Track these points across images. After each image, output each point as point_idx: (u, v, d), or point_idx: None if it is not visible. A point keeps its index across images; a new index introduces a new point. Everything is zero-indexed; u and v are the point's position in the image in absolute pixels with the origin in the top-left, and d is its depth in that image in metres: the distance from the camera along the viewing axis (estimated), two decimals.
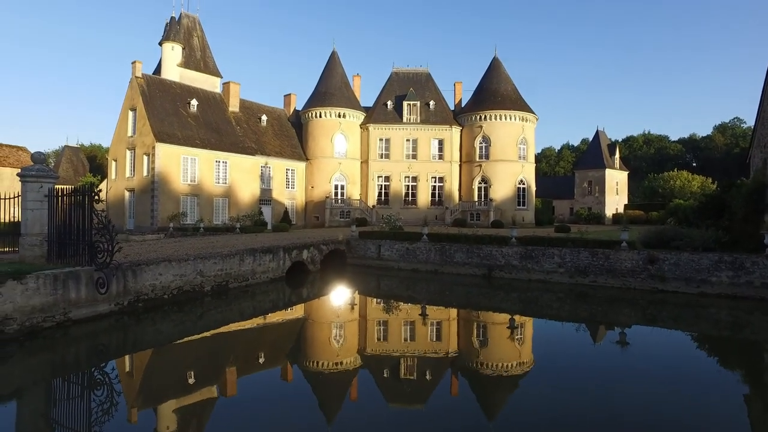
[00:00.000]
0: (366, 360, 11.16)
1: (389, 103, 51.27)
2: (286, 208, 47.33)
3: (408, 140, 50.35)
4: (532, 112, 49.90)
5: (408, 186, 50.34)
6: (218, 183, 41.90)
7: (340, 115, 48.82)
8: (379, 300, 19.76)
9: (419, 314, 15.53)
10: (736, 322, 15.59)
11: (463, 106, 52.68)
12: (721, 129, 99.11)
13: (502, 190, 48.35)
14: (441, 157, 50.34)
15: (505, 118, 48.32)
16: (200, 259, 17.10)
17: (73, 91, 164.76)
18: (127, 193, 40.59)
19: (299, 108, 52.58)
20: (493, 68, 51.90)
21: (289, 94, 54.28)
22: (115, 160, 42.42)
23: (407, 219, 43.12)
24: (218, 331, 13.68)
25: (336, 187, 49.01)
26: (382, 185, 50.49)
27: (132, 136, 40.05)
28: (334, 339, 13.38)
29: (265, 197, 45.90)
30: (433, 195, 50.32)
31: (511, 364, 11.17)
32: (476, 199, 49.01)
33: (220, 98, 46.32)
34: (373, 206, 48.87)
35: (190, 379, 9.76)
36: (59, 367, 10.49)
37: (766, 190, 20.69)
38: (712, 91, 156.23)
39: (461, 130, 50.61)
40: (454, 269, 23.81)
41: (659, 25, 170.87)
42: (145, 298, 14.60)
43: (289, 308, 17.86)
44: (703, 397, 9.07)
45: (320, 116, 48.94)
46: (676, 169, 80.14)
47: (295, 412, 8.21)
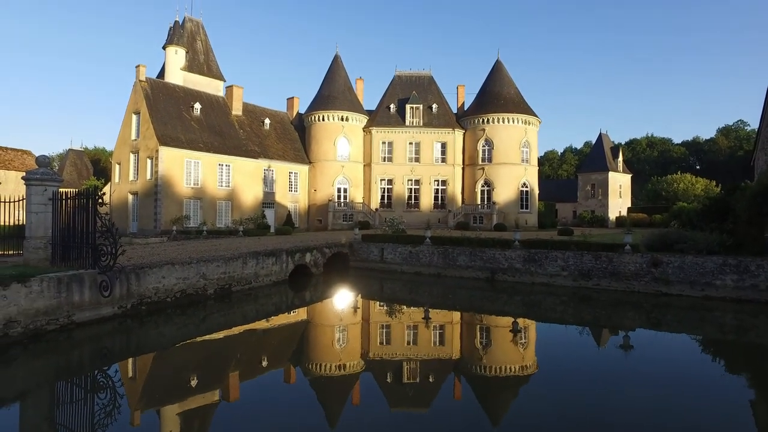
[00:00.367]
0: (369, 363, 11.14)
1: (392, 106, 51.36)
2: (289, 212, 47.39)
3: (411, 143, 50.40)
4: (535, 115, 49.90)
5: (411, 189, 50.37)
6: (221, 186, 42.02)
7: (343, 119, 48.91)
8: (382, 303, 19.74)
9: (422, 318, 15.50)
10: (741, 326, 15.50)
11: (465, 109, 52.73)
12: (725, 132, 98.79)
13: (505, 193, 48.32)
14: (444, 160, 50.37)
15: (508, 121, 48.34)
16: (203, 262, 17.12)
17: (77, 95, 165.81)
18: (131, 197, 40.72)
19: (302, 111, 52.73)
20: (496, 71, 51.95)
21: (292, 98, 54.47)
22: (119, 164, 42.59)
23: (410, 222, 43.12)
24: (221, 334, 13.69)
25: (339, 191, 49.06)
26: (385, 188, 50.53)
27: (136, 140, 40.23)
28: (337, 342, 13.37)
29: (268, 200, 45.99)
30: (436, 198, 50.32)
31: (515, 368, 11.12)
32: (479, 202, 48.99)
33: (224, 102, 46.50)
34: (376, 209, 48.89)
35: (193, 383, 9.76)
36: (63, 370, 10.51)
37: None
38: (715, 94, 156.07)
39: (464, 133, 50.63)
40: (457, 272, 23.77)
41: (662, 28, 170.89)
42: (148, 301, 14.62)
43: (292, 311, 17.85)
44: (708, 401, 9.01)
45: (323, 119, 49.04)
46: (679, 172, 79.86)
47: (298, 415, 8.20)
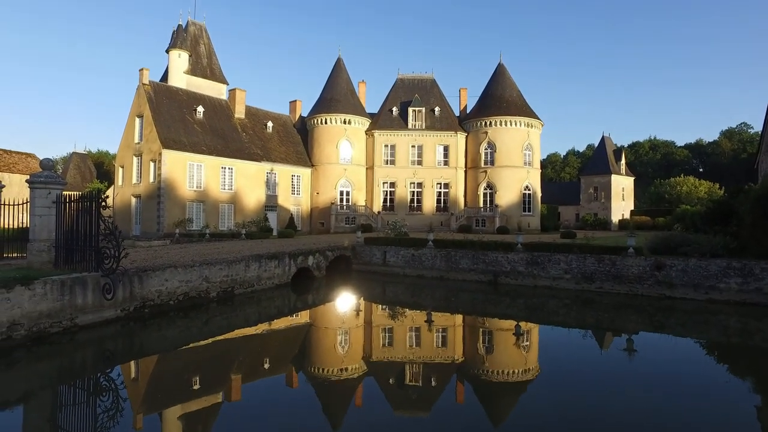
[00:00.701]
0: (371, 366, 11.13)
1: (394, 109, 51.43)
2: (292, 214, 47.43)
3: (413, 146, 50.42)
4: (538, 118, 49.87)
5: (413, 192, 50.37)
6: (224, 189, 42.10)
7: (345, 122, 48.99)
8: (385, 306, 19.72)
9: (425, 321, 15.48)
10: (745, 329, 15.42)
11: (468, 112, 52.74)
12: (728, 134, 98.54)
13: (507, 196, 48.26)
14: (446, 163, 50.36)
15: (511, 124, 48.33)
16: (206, 265, 17.15)
17: (81, 98, 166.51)
18: (134, 199, 40.84)
19: (305, 114, 52.85)
20: (498, 74, 51.97)
21: (295, 101, 54.59)
22: (122, 167, 42.73)
23: (412, 225, 43.07)
24: (223, 337, 13.69)
25: (341, 194, 49.09)
26: (387, 191, 50.54)
27: (139, 143, 40.37)
28: (340, 345, 13.36)
29: (271, 203, 46.04)
30: (439, 201, 50.30)
31: (517, 371, 11.09)
32: (481, 205, 48.93)
33: (226, 105, 46.65)
34: (379, 212, 48.88)
35: (196, 385, 9.76)
36: (66, 372, 10.53)
37: None
38: (718, 96, 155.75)
39: (466, 136, 50.64)
40: (459, 275, 23.74)
41: (665, 30, 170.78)
42: (151, 303, 14.65)
43: (295, 314, 17.84)
44: (713, 406, 8.95)
45: (326, 123, 49.13)
46: (682, 175, 79.67)
47: (300, 418, 8.19)
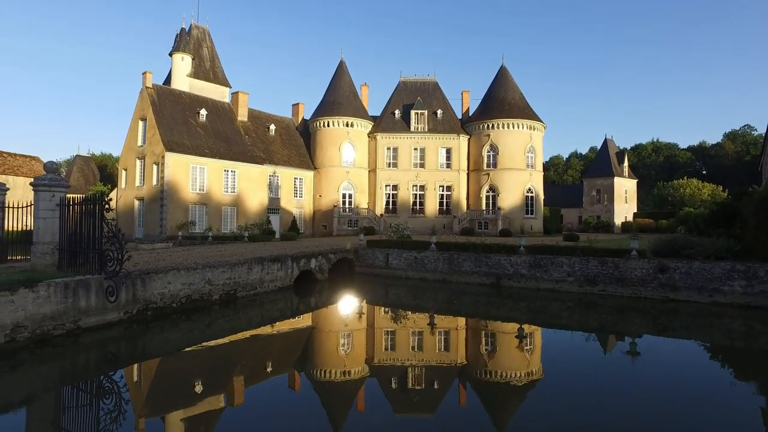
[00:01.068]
0: (374, 369, 11.11)
1: (397, 112, 51.48)
2: (294, 217, 47.49)
3: (416, 149, 50.45)
4: (540, 120, 49.85)
5: (416, 195, 50.36)
6: (227, 192, 42.18)
7: (347, 124, 49.07)
8: (387, 309, 19.70)
9: (427, 323, 15.45)
10: (750, 332, 15.33)
11: (470, 114, 52.74)
12: (732, 136, 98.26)
13: (510, 199, 48.20)
14: (449, 166, 50.35)
15: (513, 127, 48.31)
16: (208, 268, 17.17)
17: (85, 101, 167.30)
18: (137, 202, 40.96)
19: (307, 117, 52.96)
20: (501, 77, 51.99)
21: (297, 104, 54.71)
22: (125, 170, 42.88)
23: (415, 228, 43.06)
24: (226, 339, 13.69)
25: (344, 196, 49.13)
26: (389, 194, 50.55)
27: (142, 146, 40.51)
28: (342, 348, 13.34)
29: (273, 206, 46.11)
30: (441, 204, 50.28)
31: (520, 374, 11.05)
32: (484, 207, 48.89)
33: (229, 108, 46.78)
34: (381, 215, 48.88)
35: (198, 388, 9.76)
36: (69, 375, 10.54)
37: None
38: (721, 98, 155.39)
39: (469, 139, 50.64)
40: (462, 278, 23.69)
41: (667, 32, 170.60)
42: (153, 306, 14.67)
43: (297, 317, 17.84)
44: (717, 409, 8.90)
45: (328, 125, 49.21)
46: (685, 177, 79.47)
47: (303, 421, 8.17)
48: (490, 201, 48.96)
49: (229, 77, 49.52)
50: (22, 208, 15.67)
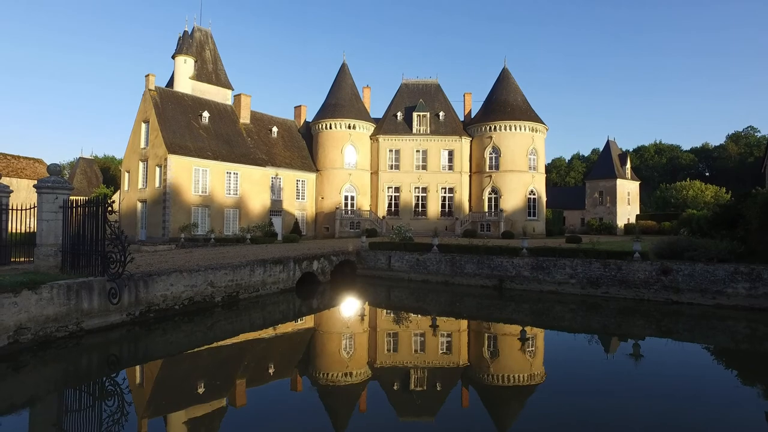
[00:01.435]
0: (376, 371, 11.09)
1: (399, 114, 51.53)
2: (297, 219, 47.54)
3: (418, 151, 50.49)
4: (542, 122, 49.84)
5: (418, 197, 50.37)
6: (229, 194, 42.26)
7: (350, 127, 49.13)
8: (389, 311, 19.67)
9: (429, 326, 15.43)
10: (754, 335, 15.25)
11: (472, 116, 52.80)
12: (735, 138, 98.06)
13: (512, 201, 48.17)
14: (451, 168, 50.36)
15: (515, 129, 48.31)
16: (211, 270, 17.18)
17: (87, 104, 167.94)
18: (140, 204, 41.06)
19: (309, 119, 53.07)
20: (503, 79, 52.02)
21: (300, 106, 54.83)
22: (128, 172, 43.01)
23: (417, 230, 43.06)
24: (228, 341, 13.69)
25: (346, 198, 49.17)
26: (392, 196, 50.57)
27: (145, 148, 40.64)
28: (344, 350, 13.32)
29: (276, 208, 46.16)
30: (443, 206, 50.27)
31: (523, 376, 11.02)
32: (486, 209, 48.86)
33: (232, 110, 46.90)
34: (383, 217, 48.90)
35: (200, 390, 9.76)
36: (71, 376, 10.55)
37: None
38: (724, 100, 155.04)
39: (471, 141, 50.65)
40: (464, 280, 23.66)
41: (670, 34, 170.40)
42: (156, 308, 14.69)
43: (299, 319, 17.84)
44: (722, 412, 8.85)
45: (330, 128, 49.29)
46: (688, 179, 79.37)
47: (305, 423, 8.16)
48: (493, 203, 48.94)
49: (232, 80, 49.76)
50: (26, 210, 15.74)
